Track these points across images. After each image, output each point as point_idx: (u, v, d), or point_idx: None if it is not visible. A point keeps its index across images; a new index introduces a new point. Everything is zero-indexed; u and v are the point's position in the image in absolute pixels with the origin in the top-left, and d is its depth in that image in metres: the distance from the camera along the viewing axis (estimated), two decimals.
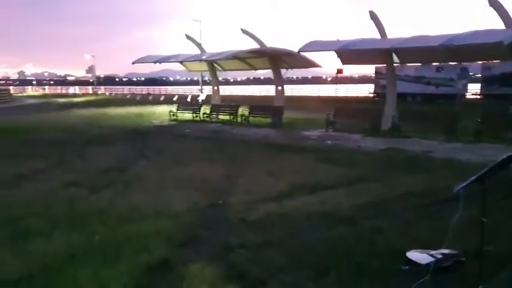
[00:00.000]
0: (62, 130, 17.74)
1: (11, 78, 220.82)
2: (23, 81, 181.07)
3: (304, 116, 22.28)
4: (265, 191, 7.64)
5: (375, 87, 40.21)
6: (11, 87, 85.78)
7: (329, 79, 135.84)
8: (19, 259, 4.80)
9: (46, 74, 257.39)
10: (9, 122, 21.34)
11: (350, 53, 16.61)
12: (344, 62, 18.80)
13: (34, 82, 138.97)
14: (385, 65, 18.01)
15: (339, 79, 61.30)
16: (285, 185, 8.05)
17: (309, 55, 21.16)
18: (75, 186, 8.28)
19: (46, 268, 4.57)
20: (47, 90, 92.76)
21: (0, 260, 4.78)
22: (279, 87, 23.09)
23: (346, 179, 8.50)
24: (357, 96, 49.98)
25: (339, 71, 50.76)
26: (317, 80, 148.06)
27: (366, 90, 47.84)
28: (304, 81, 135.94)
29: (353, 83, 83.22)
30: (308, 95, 56.62)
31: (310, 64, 22.78)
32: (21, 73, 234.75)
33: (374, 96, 40.03)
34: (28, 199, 7.27)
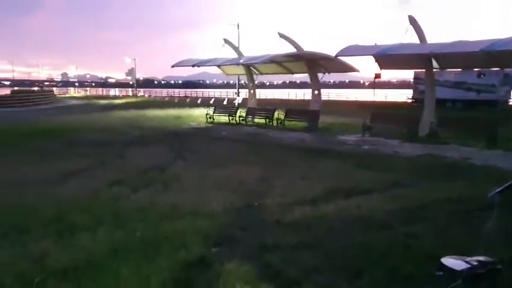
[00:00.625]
0: (104, 131, 18.37)
1: (55, 79, 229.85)
2: (66, 83, 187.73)
3: (340, 121, 22.18)
4: (301, 194, 7.72)
5: (413, 92, 39.48)
6: (54, 89, 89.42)
7: (366, 83, 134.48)
8: (65, 252, 5.06)
9: (88, 76, 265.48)
10: (54, 122, 22.27)
11: (388, 58, 16.44)
12: (382, 67, 18.63)
13: (76, 84, 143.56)
14: (424, 70, 17.72)
15: (377, 84, 60.53)
16: (321, 188, 8.10)
17: (347, 59, 21.08)
18: (117, 184, 8.60)
19: (90, 262, 4.81)
20: (89, 92, 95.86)
21: (47, 252, 5.05)
22: (316, 91, 23.09)
23: (382, 184, 8.47)
24: (395, 102, 49.16)
25: (377, 76, 50.16)
26: (355, 85, 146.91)
27: (404, 96, 47.06)
28: (341, 85, 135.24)
29: (392, 88, 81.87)
30: (345, 99, 56.18)
31: (347, 68, 22.67)
32: (64, 75, 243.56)
33: (412, 102, 39.32)
34: (74, 196, 7.63)
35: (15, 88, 79.96)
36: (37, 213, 6.55)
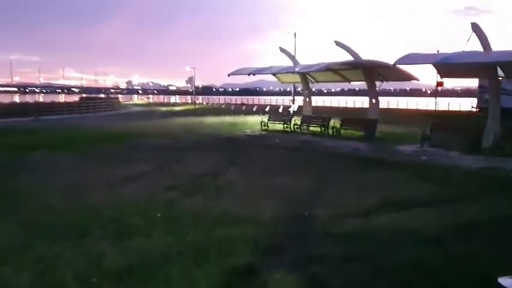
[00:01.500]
0: (163, 137, 19.04)
1: (120, 87, 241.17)
2: (130, 90, 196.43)
3: (399, 130, 21.61)
4: (353, 205, 7.63)
5: (478, 101, 37.76)
6: (119, 96, 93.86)
7: (428, 92, 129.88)
8: (120, 254, 5.30)
9: (151, 84, 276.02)
10: (117, 128, 23.37)
11: (449, 66, 15.82)
12: (443, 75, 17.99)
13: (140, 91, 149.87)
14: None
15: (439, 92, 58.30)
16: (374, 200, 7.95)
17: (406, 68, 20.50)
18: (172, 190, 8.89)
19: (144, 264, 5.01)
20: (151, 99, 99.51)
21: (104, 254, 5.32)
22: (373, 100, 22.61)
23: (439, 197, 8.18)
24: (459, 111, 47.22)
25: (439, 84, 48.23)
26: (416, 93, 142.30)
27: (468, 105, 45.07)
28: (402, 93, 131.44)
29: (456, 97, 78.57)
30: (405, 107, 54.61)
31: (406, 77, 22.02)
32: (129, 83, 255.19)
33: (477, 111, 37.58)
34: (132, 200, 7.98)
35: (84, 95, 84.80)
36: (97, 215, 6.91)
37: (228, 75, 27.09)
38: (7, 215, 6.91)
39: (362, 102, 52.30)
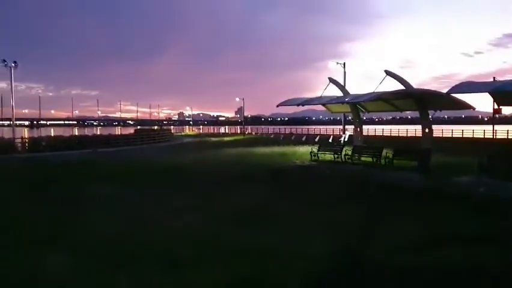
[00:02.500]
0: (214, 167, 19.33)
1: (172, 118, 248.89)
2: (182, 122, 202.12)
3: (455, 160, 20.79)
4: (408, 240, 7.39)
5: None
6: (172, 127, 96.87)
7: (485, 119, 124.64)
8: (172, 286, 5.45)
9: (201, 115, 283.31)
10: (170, 159, 24.03)
11: (507, 94, 15.23)
12: (500, 103, 17.31)
13: (191, 122, 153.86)
14: None
15: (497, 119, 55.82)
16: (429, 235, 7.69)
17: (461, 96, 19.90)
18: (222, 221, 8.99)
19: None
20: (202, 130, 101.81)
21: (159, 285, 5.45)
22: (427, 129, 22.02)
23: (498, 233, 7.77)
24: None
25: (497, 111, 46.26)
26: (472, 120, 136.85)
27: None
28: (457, 121, 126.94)
29: None
30: (460, 136, 52.66)
31: (461, 106, 21.33)
32: (180, 114, 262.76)
33: None
34: (183, 231, 8.15)
35: (138, 127, 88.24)
36: (151, 247, 7.10)
37: (277, 106, 27.35)
38: (64, 241, 7.26)
39: (415, 130, 50.97)
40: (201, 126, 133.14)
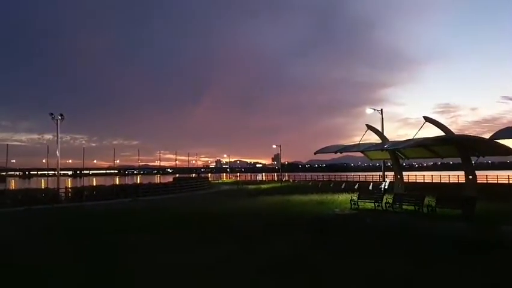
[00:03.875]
0: (252, 216, 19.28)
1: (210, 166, 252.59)
2: (219, 169, 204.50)
3: (501, 208, 19.92)
4: None
5: None
6: (209, 174, 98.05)
7: None
8: None
9: (238, 162, 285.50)
10: (208, 208, 24.18)
11: None
12: None
13: (228, 170, 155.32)
14: None
15: None
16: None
17: (505, 142, 19.34)
18: (261, 273, 8.89)
19: None
20: (239, 177, 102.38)
21: None
22: (470, 176, 21.37)
23: None
24: None
25: None
26: None
27: None
28: (502, 166, 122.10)
29: None
30: (507, 182, 50.60)
31: (505, 152, 20.68)
32: (218, 161, 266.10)
33: None
34: (225, 282, 8.10)
35: (177, 175, 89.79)
36: None
37: (315, 153, 27.30)
38: None
39: (458, 177, 49.45)
40: (238, 174, 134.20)
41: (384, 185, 35.61)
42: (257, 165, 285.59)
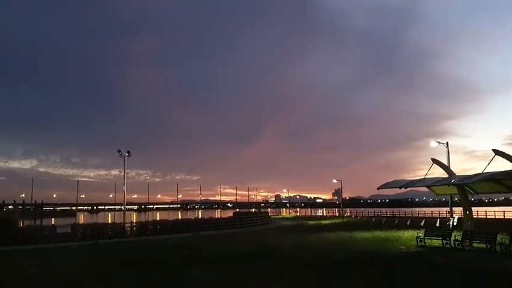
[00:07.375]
0: (314, 253, 18.98)
1: (269, 201, 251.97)
2: (279, 204, 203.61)
3: None
4: None
5: None
6: (269, 209, 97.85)
7: None
8: None
9: (298, 197, 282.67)
10: (269, 244, 24.07)
11: None
12: None
13: (288, 205, 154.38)
14: None
15: None
16: None
17: None
18: None
19: None
20: (298, 212, 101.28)
21: None
22: None
23: None
24: None
25: None
26: None
27: None
28: None
29: None
30: None
31: None
32: (277, 196, 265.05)
33: None
34: None
35: (237, 210, 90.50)
36: None
37: (378, 188, 26.74)
38: None
39: None
40: (298, 209, 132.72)
41: (453, 221, 33.83)
42: (317, 200, 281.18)
